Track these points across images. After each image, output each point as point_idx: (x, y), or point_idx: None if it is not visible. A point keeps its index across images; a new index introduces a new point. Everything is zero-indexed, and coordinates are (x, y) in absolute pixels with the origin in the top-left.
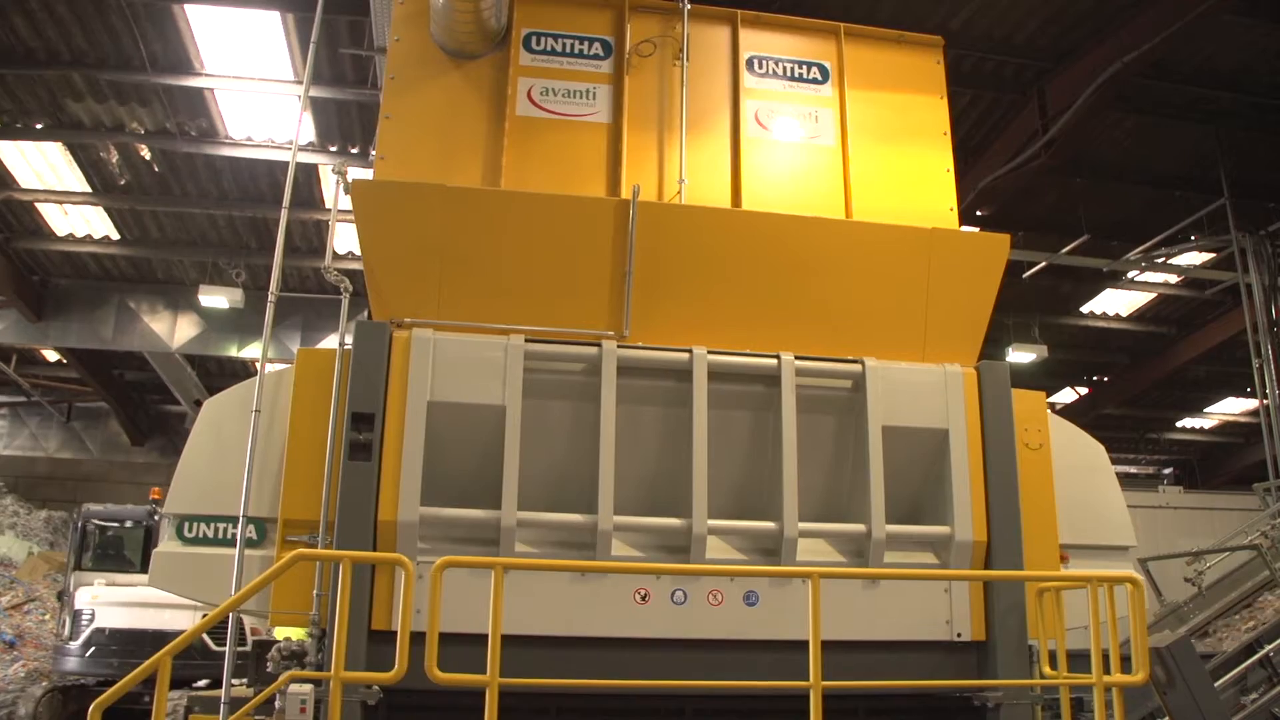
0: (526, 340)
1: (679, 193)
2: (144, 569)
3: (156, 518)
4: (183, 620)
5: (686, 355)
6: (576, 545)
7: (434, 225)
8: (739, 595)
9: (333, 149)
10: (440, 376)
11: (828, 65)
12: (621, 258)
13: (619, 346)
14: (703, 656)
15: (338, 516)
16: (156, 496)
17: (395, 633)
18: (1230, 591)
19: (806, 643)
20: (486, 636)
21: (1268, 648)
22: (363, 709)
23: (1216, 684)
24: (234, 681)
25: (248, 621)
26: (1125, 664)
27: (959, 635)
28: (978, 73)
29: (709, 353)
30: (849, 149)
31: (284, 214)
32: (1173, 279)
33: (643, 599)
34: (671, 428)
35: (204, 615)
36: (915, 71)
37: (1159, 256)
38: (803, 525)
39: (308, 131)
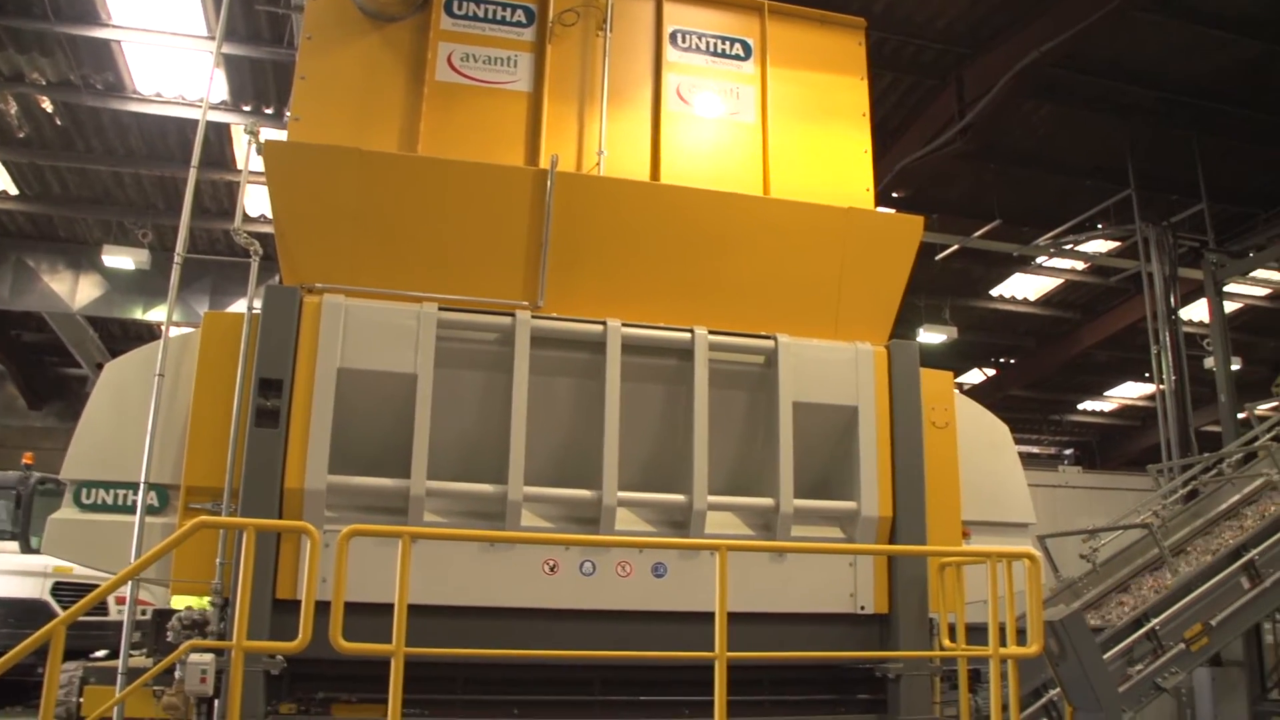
0: (440, 308)
1: (598, 164)
2: (14, 537)
3: (34, 484)
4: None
5: (601, 327)
6: (486, 515)
7: (348, 190)
8: (647, 567)
9: (246, 109)
10: (351, 343)
11: (750, 42)
12: (538, 228)
13: (533, 317)
14: (611, 627)
15: (243, 484)
16: (29, 461)
17: (300, 602)
18: (1122, 568)
19: (714, 614)
20: (393, 606)
21: (1154, 621)
22: (266, 679)
23: (1105, 656)
24: (132, 652)
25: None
26: (1021, 637)
27: (862, 608)
28: (898, 56)
29: (623, 325)
30: (769, 126)
31: (193, 173)
32: (1079, 266)
33: (551, 570)
34: (584, 399)
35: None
36: (837, 52)
37: (1067, 243)
38: (712, 498)
39: (220, 89)
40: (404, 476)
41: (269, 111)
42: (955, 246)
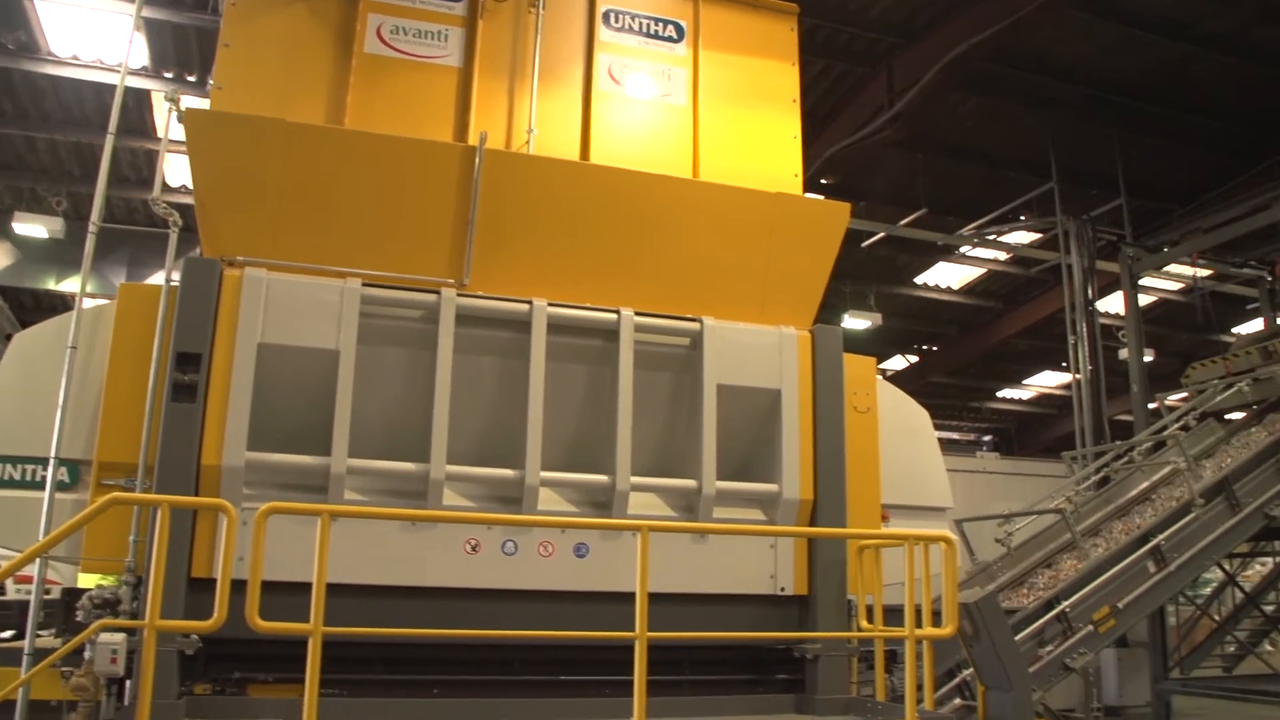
0: (364, 284)
1: (527, 142)
2: None
3: None
4: None
5: (526, 306)
6: (408, 494)
7: (272, 161)
8: (569, 547)
9: (167, 75)
10: (272, 318)
11: (683, 24)
12: (465, 205)
13: (458, 295)
14: (532, 607)
15: (158, 460)
16: None
17: (216, 581)
18: (1036, 552)
19: (635, 594)
20: (312, 585)
21: (1064, 604)
22: (180, 659)
23: (1017, 637)
24: (40, 632)
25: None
26: (937, 618)
27: (782, 589)
28: (830, 44)
29: (549, 305)
30: (700, 109)
31: (110, 140)
32: (1002, 256)
33: (473, 549)
34: (508, 379)
35: None
36: (769, 37)
37: (990, 234)
38: (635, 479)
39: (140, 54)
40: (325, 454)
41: (191, 79)
42: (881, 234)
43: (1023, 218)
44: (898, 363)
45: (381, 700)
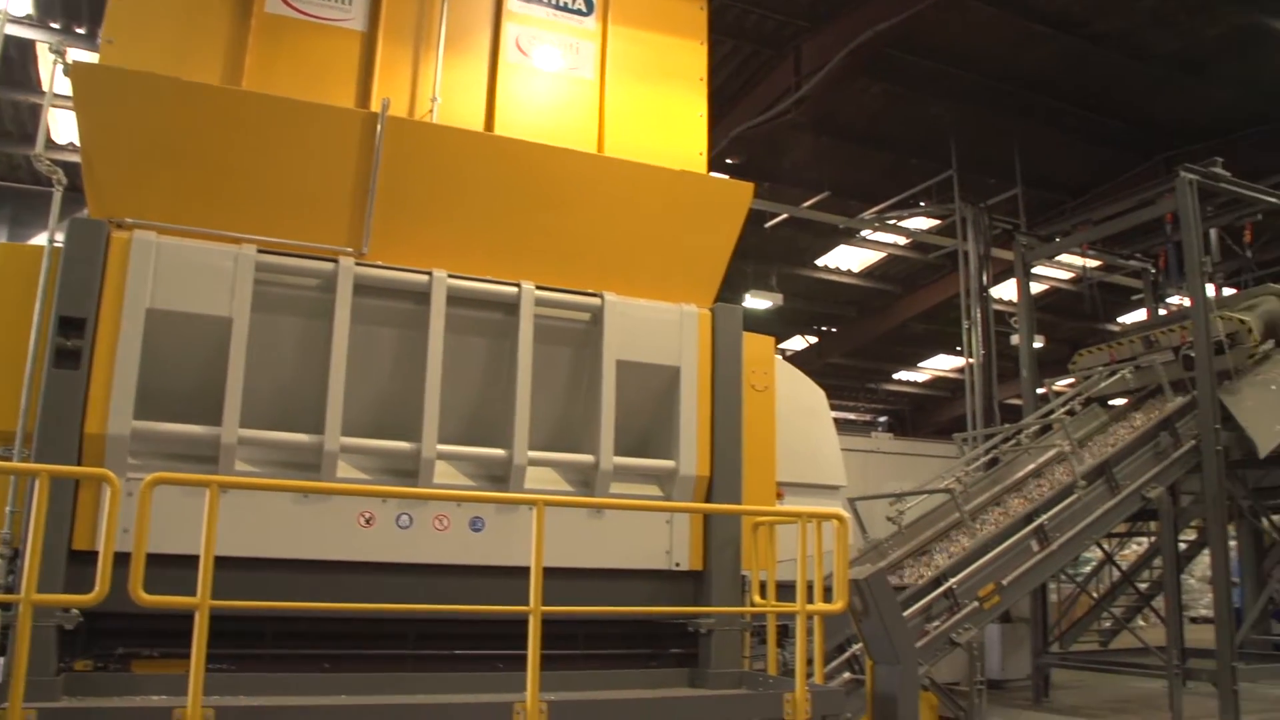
0: (259, 251)
1: (431, 111)
2: None
3: None
4: None
5: (426, 278)
6: (301, 466)
7: (165, 121)
8: (465, 521)
9: (54, 26)
10: (162, 283)
11: None
12: (365, 173)
13: (357, 264)
14: (427, 581)
15: (38, 428)
16: None
17: (99, 553)
18: (926, 530)
19: (530, 569)
20: (200, 558)
21: (951, 581)
22: (59, 634)
23: (906, 613)
24: None
25: None
26: (828, 594)
27: (678, 565)
28: (740, 24)
29: (449, 277)
30: (607, 84)
31: None
32: (901, 241)
33: (367, 522)
34: (406, 350)
35: None
36: (678, 15)
37: (891, 219)
38: (532, 454)
39: (24, 2)
40: (215, 424)
41: (80, 31)
42: (784, 215)
43: (922, 204)
44: (797, 343)
45: (270, 675)
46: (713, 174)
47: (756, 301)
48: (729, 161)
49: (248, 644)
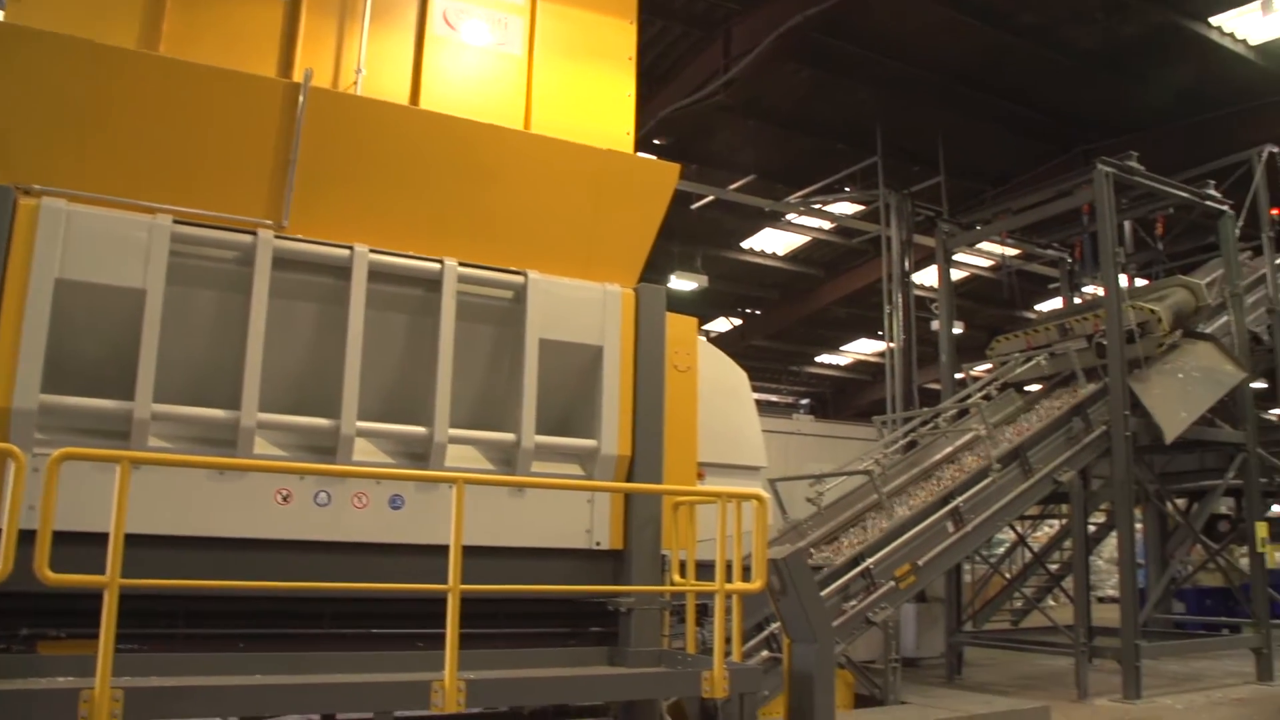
0: (174, 221)
1: (355, 83)
2: None
3: None
4: None
5: (347, 252)
6: (217, 442)
7: (77, 85)
8: (384, 498)
9: None
10: (73, 252)
11: None
12: (286, 144)
13: (276, 237)
14: (345, 560)
15: None
16: None
17: (1, 531)
18: (844, 511)
19: (450, 547)
20: (109, 536)
21: (868, 561)
22: None
23: (823, 593)
24: None
25: None
26: (747, 574)
27: (598, 544)
28: (670, 5)
29: (371, 252)
30: (535, 61)
31: None
32: (826, 225)
33: (284, 500)
34: (326, 326)
35: None
36: None
37: (816, 203)
38: (453, 432)
39: None
40: (128, 398)
41: None
42: (711, 197)
43: (847, 189)
44: (721, 325)
45: (183, 655)
46: (639, 154)
47: (681, 283)
48: (656, 142)
49: (160, 624)
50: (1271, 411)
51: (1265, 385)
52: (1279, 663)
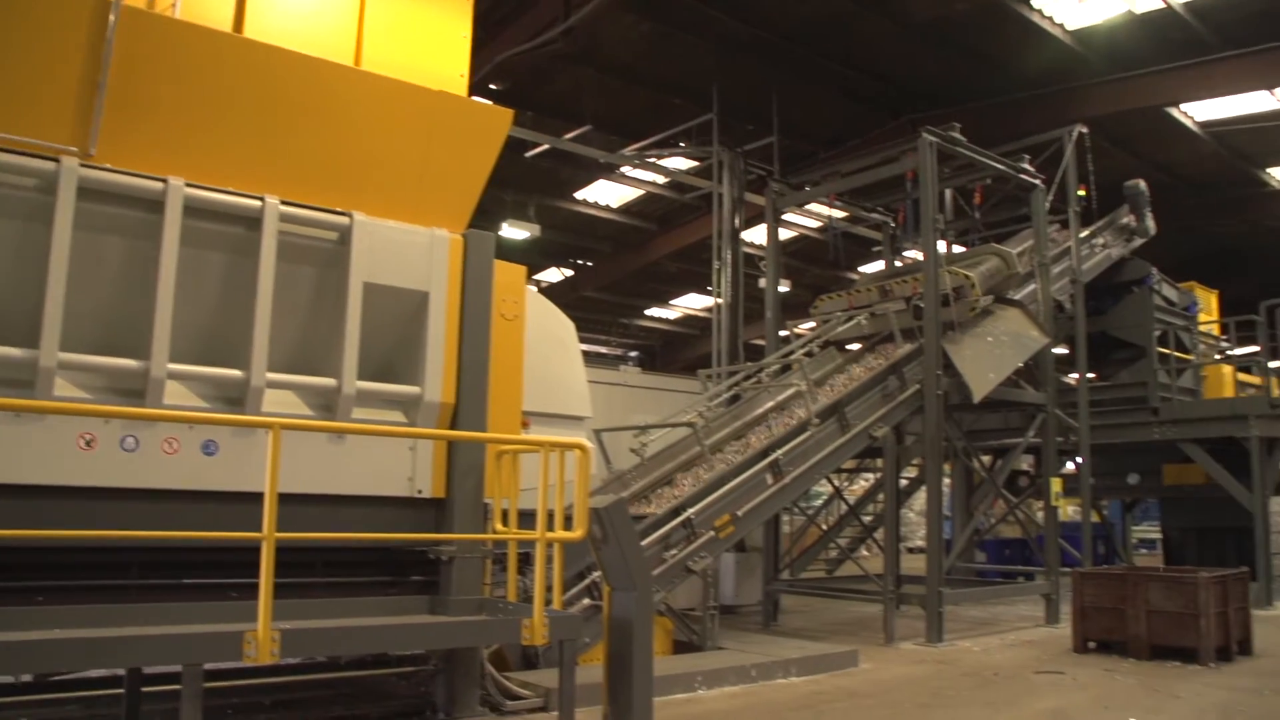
0: None
1: (173, 5)
2: None
3: None
4: None
5: (161, 185)
6: (13, 383)
7: None
8: (197, 444)
9: None
10: None
11: None
12: (95, 67)
13: (82, 165)
14: (154, 507)
15: None
16: None
17: None
18: (668, 462)
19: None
20: None
21: (689, 511)
22: None
23: (645, 541)
24: None
25: None
26: (569, 523)
27: (420, 492)
28: None
29: (186, 185)
30: None
31: None
32: (659, 179)
33: (88, 445)
34: (137, 262)
35: None
36: None
37: (650, 157)
38: (271, 376)
39: None
40: None
41: None
42: (545, 146)
43: (682, 145)
44: (553, 275)
45: None
46: (473, 98)
47: (514, 231)
48: (492, 87)
49: None
50: (1070, 375)
51: (1066, 351)
52: (1065, 607)
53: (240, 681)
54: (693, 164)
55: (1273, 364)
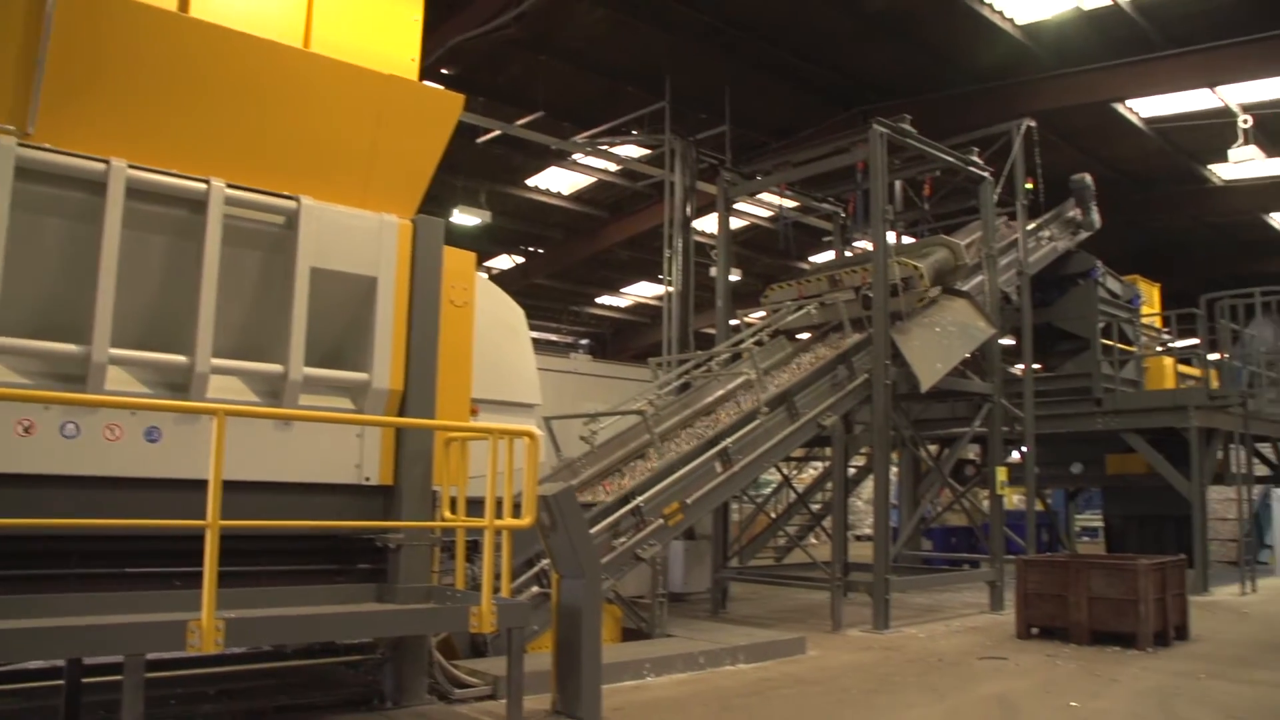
0: None
1: None
2: None
3: None
4: None
5: (103, 166)
6: None
7: None
8: (140, 431)
9: None
10: None
11: None
12: (34, 42)
13: (19, 144)
14: (95, 495)
15: None
16: None
17: None
18: (617, 450)
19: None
20: None
21: (638, 499)
22: None
23: (593, 529)
24: None
25: None
26: (518, 510)
27: (368, 479)
28: None
29: (129, 167)
30: None
31: None
32: (611, 167)
33: (26, 431)
34: (79, 245)
35: None
36: None
37: (603, 144)
38: (216, 362)
39: None
40: None
41: None
42: (497, 132)
43: (634, 132)
44: (504, 262)
45: None
46: (424, 82)
47: (464, 218)
48: (444, 72)
49: None
50: (1016, 366)
51: (1012, 341)
52: (1009, 594)
53: (184, 671)
54: (645, 152)
55: (1211, 356)
